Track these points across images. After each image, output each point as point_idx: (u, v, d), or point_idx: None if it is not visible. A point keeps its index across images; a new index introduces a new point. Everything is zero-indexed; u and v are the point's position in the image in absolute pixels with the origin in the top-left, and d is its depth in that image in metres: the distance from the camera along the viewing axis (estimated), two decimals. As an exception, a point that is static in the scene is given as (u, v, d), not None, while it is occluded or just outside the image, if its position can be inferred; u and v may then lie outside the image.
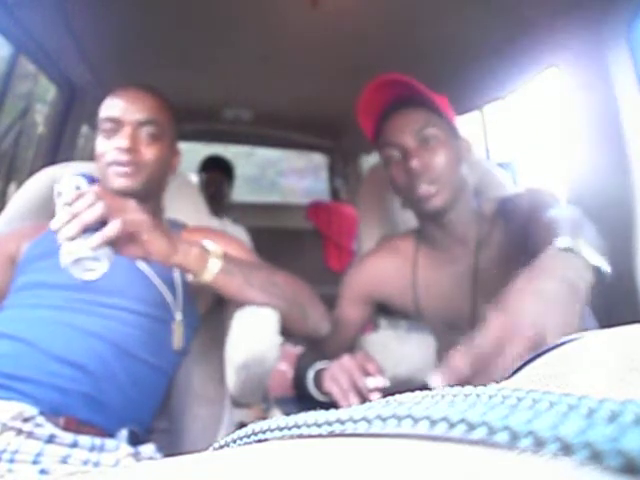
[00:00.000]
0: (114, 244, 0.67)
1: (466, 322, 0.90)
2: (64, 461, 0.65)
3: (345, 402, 0.73)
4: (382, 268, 0.97)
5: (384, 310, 1.04)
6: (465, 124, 1.65)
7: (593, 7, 1.01)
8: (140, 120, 0.87)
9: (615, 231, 1.05)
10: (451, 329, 0.92)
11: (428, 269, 0.94)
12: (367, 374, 0.74)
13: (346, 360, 0.76)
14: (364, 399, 0.71)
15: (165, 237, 0.71)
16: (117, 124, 0.87)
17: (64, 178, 0.71)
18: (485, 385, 0.17)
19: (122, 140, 0.84)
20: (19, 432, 0.65)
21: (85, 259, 0.64)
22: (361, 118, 0.89)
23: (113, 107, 0.87)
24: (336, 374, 0.76)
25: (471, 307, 0.90)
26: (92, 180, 0.72)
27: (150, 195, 0.92)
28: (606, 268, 0.58)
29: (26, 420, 0.67)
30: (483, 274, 0.89)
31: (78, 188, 0.68)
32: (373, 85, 0.84)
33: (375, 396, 0.71)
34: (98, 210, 0.64)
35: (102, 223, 0.65)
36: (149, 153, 0.87)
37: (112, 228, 0.64)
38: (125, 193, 0.86)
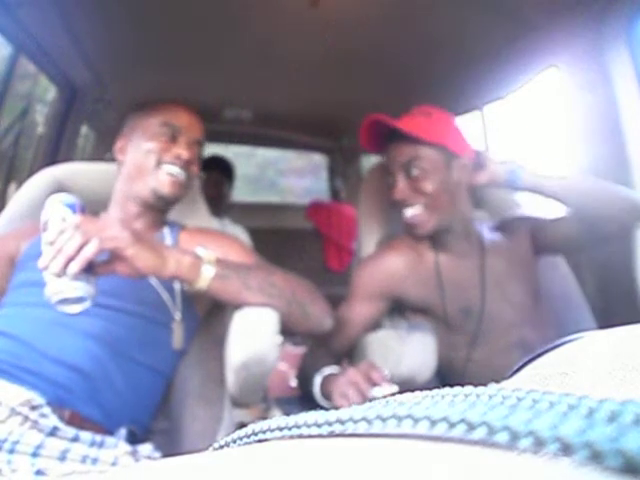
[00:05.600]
0: (99, 269, 0.67)
1: (477, 314, 0.96)
2: (63, 456, 0.64)
3: None
4: (403, 263, 1.00)
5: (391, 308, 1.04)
6: (465, 124, 1.65)
7: (593, 7, 1.01)
8: (197, 138, 0.94)
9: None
10: (466, 320, 0.97)
11: (448, 263, 0.99)
12: (373, 384, 0.74)
13: (352, 373, 0.77)
14: None
15: (151, 250, 0.70)
16: (175, 132, 0.91)
17: (50, 206, 0.70)
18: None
19: (185, 151, 0.89)
20: (25, 420, 0.65)
21: (69, 300, 0.66)
22: (367, 147, 0.99)
23: (174, 115, 0.92)
24: (344, 389, 0.76)
25: (482, 299, 0.97)
26: (78, 207, 0.71)
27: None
28: None
29: (34, 408, 0.67)
30: (490, 271, 0.98)
31: (64, 220, 0.68)
32: (366, 122, 0.93)
33: None
34: (77, 240, 0.64)
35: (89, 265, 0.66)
36: (194, 171, 0.93)
37: (89, 249, 0.64)
38: (169, 202, 0.91)
